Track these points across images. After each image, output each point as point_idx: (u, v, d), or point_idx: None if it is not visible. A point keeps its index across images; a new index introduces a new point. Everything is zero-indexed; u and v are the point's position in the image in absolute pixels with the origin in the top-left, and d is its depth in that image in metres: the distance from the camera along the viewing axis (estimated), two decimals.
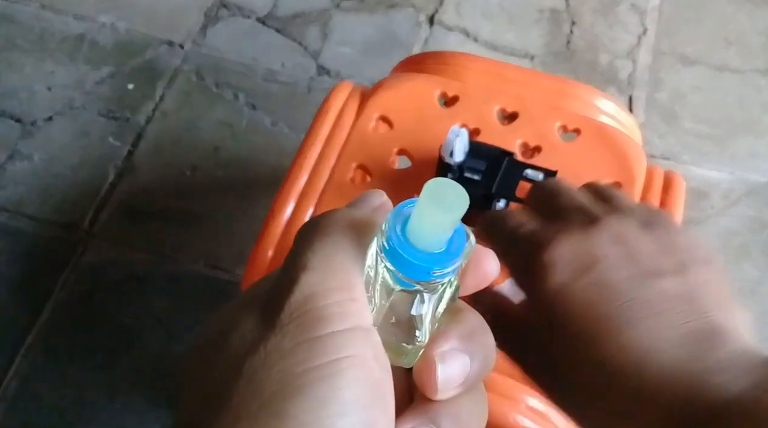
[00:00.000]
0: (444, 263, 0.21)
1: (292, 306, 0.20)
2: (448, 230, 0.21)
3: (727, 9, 1.28)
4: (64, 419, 0.88)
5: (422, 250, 0.21)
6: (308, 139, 0.70)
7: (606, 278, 0.28)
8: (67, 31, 1.20)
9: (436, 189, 0.20)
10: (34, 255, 1.00)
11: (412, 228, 0.21)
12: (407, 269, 0.21)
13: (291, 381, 0.19)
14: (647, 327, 0.27)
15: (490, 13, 1.26)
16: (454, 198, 0.20)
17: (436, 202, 0.20)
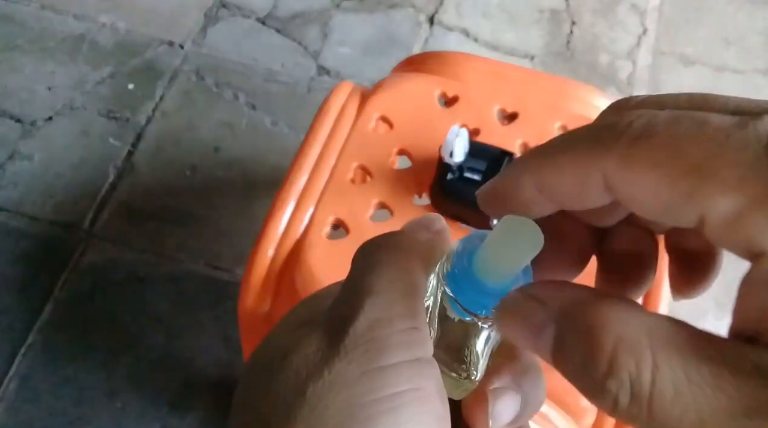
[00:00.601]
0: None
1: (358, 332, 0.20)
2: (517, 269, 0.20)
3: (726, 9, 1.28)
4: (64, 419, 0.88)
5: (487, 284, 0.20)
6: (308, 139, 0.70)
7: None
8: (68, 31, 1.20)
9: (513, 226, 0.20)
10: (34, 255, 1.00)
11: (481, 262, 0.20)
12: (469, 301, 0.21)
13: (356, 412, 0.19)
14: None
15: (490, 13, 1.26)
16: (530, 239, 0.20)
17: (511, 240, 0.20)
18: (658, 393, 0.16)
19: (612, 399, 0.16)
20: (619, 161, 0.18)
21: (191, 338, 0.94)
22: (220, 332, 0.94)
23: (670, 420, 0.16)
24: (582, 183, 0.19)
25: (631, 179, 0.18)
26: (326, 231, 0.65)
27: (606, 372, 0.16)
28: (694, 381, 0.16)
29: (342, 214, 0.66)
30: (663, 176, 0.17)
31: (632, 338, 0.17)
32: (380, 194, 0.67)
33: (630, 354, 0.16)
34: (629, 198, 0.18)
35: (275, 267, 0.65)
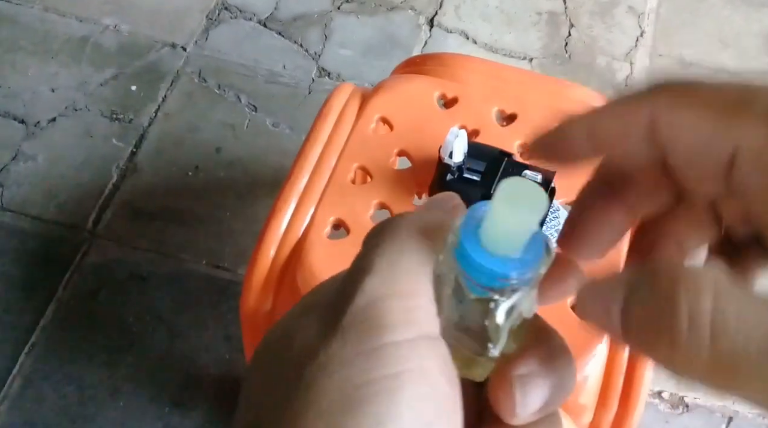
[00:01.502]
0: (519, 270, 0.20)
1: (354, 311, 0.19)
2: (524, 234, 0.19)
3: (723, 11, 1.29)
4: (67, 417, 0.89)
5: (496, 255, 0.19)
6: (309, 139, 0.71)
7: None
8: (71, 33, 1.21)
9: (512, 188, 0.19)
10: (38, 255, 1.00)
11: (486, 231, 0.20)
12: (480, 274, 0.20)
13: (350, 392, 0.18)
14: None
15: (489, 16, 1.27)
16: (532, 198, 0.19)
17: (511, 202, 0.19)
18: (719, 320, 0.17)
19: (677, 333, 0.17)
20: (668, 100, 0.20)
21: (194, 337, 0.94)
22: (222, 331, 0.95)
23: (736, 350, 0.16)
24: (630, 124, 0.20)
25: (678, 114, 0.20)
26: (327, 231, 0.66)
27: (671, 305, 0.17)
28: (758, 311, 0.17)
29: (342, 214, 0.66)
30: (706, 111, 0.19)
31: (691, 274, 0.17)
32: (380, 194, 0.67)
33: (689, 286, 0.17)
34: (672, 135, 0.20)
35: (277, 267, 0.66)
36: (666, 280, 0.18)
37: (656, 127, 0.20)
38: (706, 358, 0.17)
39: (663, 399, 0.92)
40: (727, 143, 0.19)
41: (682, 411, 0.92)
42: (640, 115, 0.20)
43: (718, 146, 0.19)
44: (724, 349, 0.16)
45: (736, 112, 0.19)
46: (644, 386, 0.62)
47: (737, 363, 0.17)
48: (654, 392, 0.92)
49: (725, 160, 0.19)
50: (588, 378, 0.60)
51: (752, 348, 0.16)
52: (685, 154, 0.20)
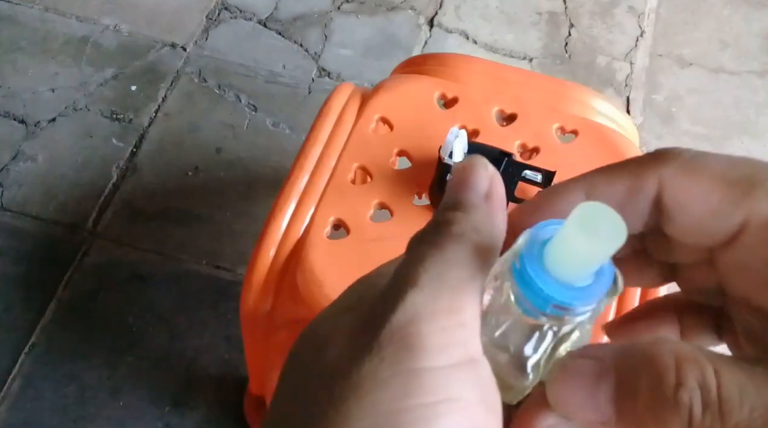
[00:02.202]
0: (582, 300, 0.18)
1: (393, 328, 0.18)
2: (595, 263, 0.18)
3: (723, 12, 1.29)
4: (67, 417, 0.89)
5: (559, 280, 0.18)
6: (309, 139, 0.71)
7: None
8: (71, 34, 1.21)
9: (590, 213, 0.17)
10: (38, 255, 1.00)
11: (553, 254, 0.18)
12: (536, 297, 0.18)
13: (382, 421, 0.17)
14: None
15: (489, 16, 1.27)
16: (611, 227, 0.17)
17: (588, 228, 0.17)
18: (726, 396, 0.17)
19: (687, 411, 0.17)
20: (678, 168, 0.20)
21: (193, 337, 0.95)
22: (222, 331, 0.95)
23: (741, 421, 0.16)
24: (635, 190, 0.20)
25: (688, 183, 0.20)
26: (327, 231, 0.66)
27: (676, 384, 0.17)
28: (754, 379, 0.17)
29: (342, 214, 0.66)
30: (718, 182, 0.20)
31: (689, 353, 0.17)
32: (380, 194, 0.67)
33: (693, 365, 0.17)
34: (678, 204, 0.20)
35: (277, 267, 0.66)
36: (666, 359, 0.17)
37: (662, 196, 0.20)
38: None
39: None
40: (737, 215, 0.19)
41: None
42: (647, 182, 0.20)
43: (726, 218, 0.20)
44: (732, 424, 0.17)
45: (748, 186, 0.19)
46: None
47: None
48: None
49: (730, 233, 0.20)
50: None
51: (756, 417, 0.16)
52: (688, 225, 0.20)
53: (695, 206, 0.20)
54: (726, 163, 0.20)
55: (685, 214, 0.20)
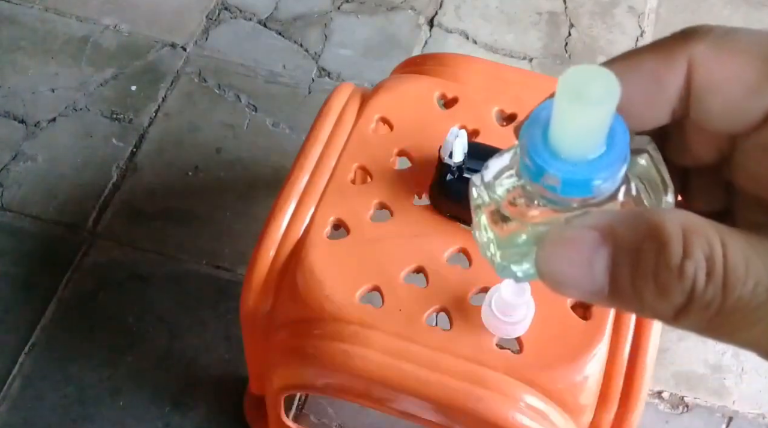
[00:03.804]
0: (607, 169, 0.17)
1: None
2: (596, 131, 0.17)
3: (723, 12, 1.29)
4: (67, 417, 0.89)
5: (568, 158, 0.17)
6: (309, 140, 0.71)
7: None
8: (71, 33, 1.21)
9: (576, 77, 0.16)
10: (38, 255, 1.00)
11: (553, 130, 0.17)
12: (566, 186, 0.17)
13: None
14: None
15: (489, 16, 1.27)
16: (601, 87, 0.16)
17: (576, 93, 0.16)
18: (731, 267, 0.16)
19: (690, 282, 0.16)
20: (710, 46, 0.19)
21: (193, 337, 0.95)
22: (222, 331, 0.95)
23: (744, 295, 0.16)
24: (664, 71, 0.19)
25: (720, 61, 0.18)
26: (327, 231, 0.66)
27: (682, 255, 0.16)
28: (762, 253, 0.16)
29: (342, 214, 0.67)
30: (753, 58, 0.18)
31: (696, 223, 0.17)
32: (380, 194, 0.68)
33: (700, 236, 0.16)
34: (712, 84, 0.19)
35: (276, 267, 0.66)
36: (673, 229, 0.16)
37: (692, 77, 0.19)
38: (717, 307, 0.16)
39: (663, 399, 0.92)
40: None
41: (682, 411, 0.92)
42: (677, 63, 0.19)
43: (761, 96, 0.18)
44: (736, 296, 0.16)
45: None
46: (644, 386, 0.62)
47: (747, 311, 0.16)
48: (654, 392, 0.92)
49: (765, 113, 0.18)
50: (588, 378, 0.60)
51: (761, 293, 0.16)
52: (720, 106, 0.19)
53: (729, 85, 0.19)
54: (762, 39, 0.19)
55: (717, 94, 0.19)
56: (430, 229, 0.66)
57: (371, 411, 0.85)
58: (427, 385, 0.59)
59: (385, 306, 0.62)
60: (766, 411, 0.92)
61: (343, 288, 0.63)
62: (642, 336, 0.62)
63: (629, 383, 0.62)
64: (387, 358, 0.59)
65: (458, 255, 0.66)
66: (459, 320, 0.61)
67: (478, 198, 0.20)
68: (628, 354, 0.62)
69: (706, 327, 0.17)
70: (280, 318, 0.66)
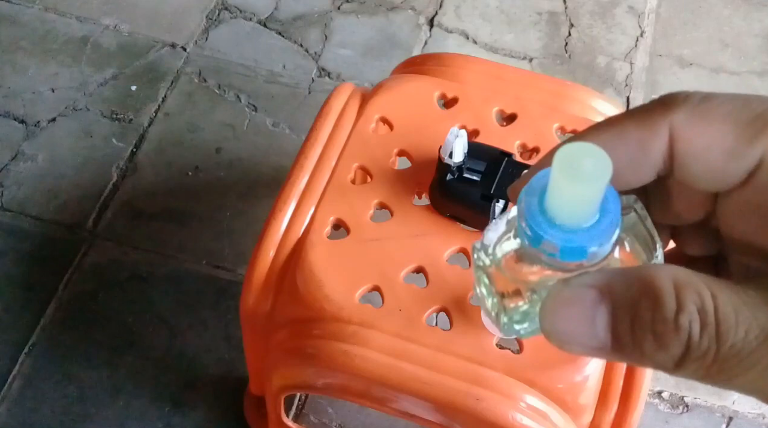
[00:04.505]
0: (601, 236, 0.19)
1: None
2: (588, 204, 0.18)
3: (723, 12, 1.29)
4: (67, 417, 0.89)
5: (564, 225, 0.19)
6: (309, 139, 0.71)
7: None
8: (71, 33, 1.21)
9: (571, 154, 0.18)
10: (38, 255, 1.00)
11: (549, 201, 0.19)
12: (564, 253, 0.19)
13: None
14: None
15: (489, 16, 1.27)
16: (594, 165, 0.18)
17: (571, 170, 0.18)
18: (722, 317, 0.17)
19: (686, 334, 0.17)
20: (689, 113, 0.20)
21: (194, 337, 0.95)
22: (222, 331, 0.95)
23: (737, 342, 0.17)
24: (646, 141, 0.20)
25: (699, 128, 0.20)
26: (327, 231, 0.66)
27: (676, 309, 0.17)
28: (749, 302, 0.17)
29: (342, 214, 0.67)
30: (731, 123, 0.19)
31: (686, 277, 0.18)
32: (380, 194, 0.68)
33: (691, 289, 0.17)
34: (693, 149, 0.20)
35: (276, 267, 0.66)
36: (666, 285, 0.17)
37: (674, 143, 0.20)
38: (713, 357, 0.17)
39: (663, 399, 0.92)
40: (752, 154, 0.19)
41: (682, 411, 0.92)
42: (658, 132, 0.20)
43: (741, 158, 0.19)
44: (729, 344, 0.17)
45: (762, 124, 0.19)
46: (644, 386, 0.62)
47: (740, 355, 0.17)
48: (654, 392, 0.92)
49: (745, 173, 0.19)
50: (588, 378, 0.60)
51: (751, 340, 0.17)
52: (702, 169, 0.20)
53: (709, 150, 0.20)
54: (738, 103, 0.20)
55: (698, 160, 0.20)
56: (430, 229, 0.66)
57: (371, 411, 0.85)
58: (427, 385, 0.59)
59: (385, 306, 0.62)
60: (766, 411, 0.92)
61: (343, 288, 0.63)
62: None
63: (629, 383, 0.62)
64: (387, 358, 0.59)
65: (458, 255, 0.66)
66: (459, 320, 0.61)
67: (479, 260, 0.21)
68: None
69: (705, 374, 0.18)
70: (280, 318, 0.66)
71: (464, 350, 0.60)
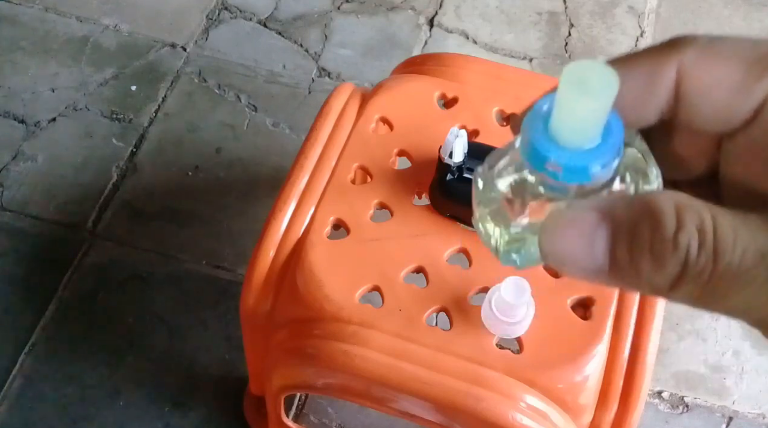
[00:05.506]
0: (604, 156, 0.19)
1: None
2: (595, 121, 0.19)
3: (723, 12, 1.29)
4: (67, 417, 0.89)
5: (568, 147, 0.19)
6: (309, 139, 0.71)
7: None
8: (71, 33, 1.21)
9: (578, 70, 0.18)
10: (38, 255, 1.00)
11: (555, 120, 0.19)
12: (567, 172, 0.19)
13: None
14: None
15: (489, 16, 1.27)
16: (600, 79, 0.18)
17: (578, 84, 0.18)
18: (720, 236, 0.17)
19: (684, 252, 0.17)
20: (697, 53, 0.20)
21: (194, 337, 0.95)
22: (222, 331, 0.95)
23: (734, 260, 0.17)
24: (653, 78, 0.21)
25: (707, 66, 0.20)
26: (327, 231, 0.66)
27: (676, 227, 0.17)
28: (748, 225, 0.18)
29: (342, 214, 0.67)
30: (738, 62, 0.20)
31: (687, 201, 0.18)
32: (380, 194, 0.68)
33: (692, 211, 0.18)
34: (700, 88, 0.20)
35: (276, 267, 0.66)
36: (667, 207, 0.18)
37: (681, 82, 0.20)
38: (708, 274, 0.18)
39: (663, 399, 0.92)
40: (758, 92, 0.19)
41: (682, 411, 0.92)
42: (666, 69, 0.20)
43: (747, 96, 0.20)
44: (726, 262, 0.17)
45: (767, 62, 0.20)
46: (644, 386, 0.62)
47: (736, 275, 0.17)
48: (654, 392, 0.92)
49: (751, 111, 0.20)
50: (588, 378, 0.61)
51: (748, 258, 0.17)
52: (708, 109, 0.20)
53: (716, 88, 0.20)
54: (746, 44, 0.20)
55: (705, 97, 0.20)
56: (430, 229, 0.66)
57: (371, 411, 0.85)
58: (427, 385, 0.59)
59: (385, 306, 0.62)
60: (766, 411, 0.92)
61: (343, 288, 0.63)
62: (642, 336, 0.62)
63: (629, 383, 0.62)
64: (387, 358, 0.59)
65: (458, 255, 0.66)
66: (459, 320, 0.61)
67: (480, 190, 0.22)
68: (628, 354, 0.62)
69: (700, 294, 0.18)
70: (280, 318, 0.66)
71: (464, 350, 0.60)
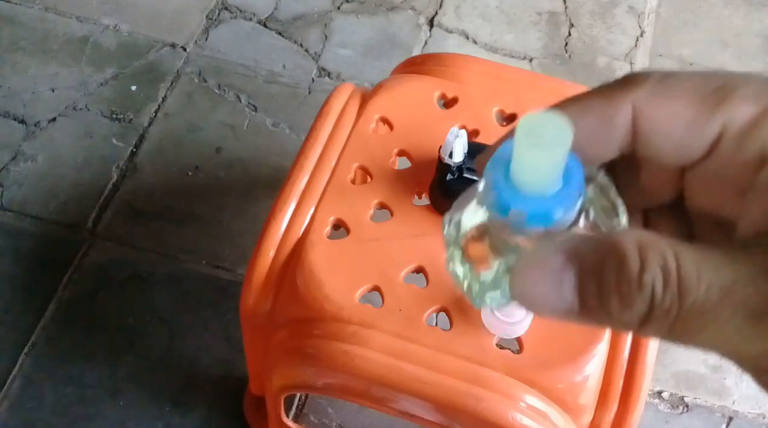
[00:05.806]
0: (566, 201, 0.20)
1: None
2: (550, 172, 0.19)
3: (723, 12, 1.29)
4: (67, 417, 0.89)
5: (529, 193, 0.20)
6: (309, 139, 0.71)
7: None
8: (71, 33, 1.21)
9: (532, 124, 0.19)
10: (38, 255, 1.00)
11: (514, 170, 0.20)
12: (530, 219, 0.20)
13: None
14: None
15: (489, 16, 1.27)
16: (555, 133, 0.18)
17: (532, 139, 0.18)
18: (684, 275, 0.17)
19: (650, 292, 0.18)
20: (651, 90, 0.20)
21: (194, 337, 0.95)
22: (222, 331, 0.95)
23: (698, 298, 0.17)
24: (608, 118, 0.21)
25: (661, 103, 0.20)
26: (327, 231, 0.66)
27: (640, 267, 0.18)
28: (711, 261, 0.18)
29: (342, 214, 0.67)
30: (691, 97, 0.20)
31: (650, 239, 0.18)
32: (380, 194, 0.68)
33: (653, 249, 0.18)
34: (655, 125, 0.20)
35: (276, 267, 0.66)
36: (630, 247, 0.18)
37: (636, 120, 0.21)
38: (675, 313, 0.18)
39: (663, 399, 0.92)
40: (713, 126, 0.20)
41: (682, 411, 0.92)
42: (621, 109, 0.21)
43: (702, 131, 0.20)
44: (691, 300, 0.18)
45: (721, 95, 0.20)
46: (644, 386, 0.62)
47: (702, 312, 0.18)
48: (654, 392, 0.93)
49: (707, 145, 0.20)
50: (588, 378, 0.60)
51: (713, 295, 0.17)
52: (665, 145, 0.21)
53: (671, 125, 0.20)
54: (698, 79, 0.20)
55: (661, 134, 0.21)
56: (430, 229, 0.66)
57: (371, 411, 0.85)
58: (427, 385, 0.59)
59: (385, 306, 0.62)
60: (766, 411, 0.92)
61: (343, 288, 0.63)
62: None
63: (629, 383, 0.62)
64: (387, 358, 0.59)
65: None
66: (459, 320, 0.61)
67: (449, 234, 0.22)
68: (628, 354, 0.62)
69: (669, 331, 0.18)
70: (280, 318, 0.66)
71: (464, 350, 0.60)
